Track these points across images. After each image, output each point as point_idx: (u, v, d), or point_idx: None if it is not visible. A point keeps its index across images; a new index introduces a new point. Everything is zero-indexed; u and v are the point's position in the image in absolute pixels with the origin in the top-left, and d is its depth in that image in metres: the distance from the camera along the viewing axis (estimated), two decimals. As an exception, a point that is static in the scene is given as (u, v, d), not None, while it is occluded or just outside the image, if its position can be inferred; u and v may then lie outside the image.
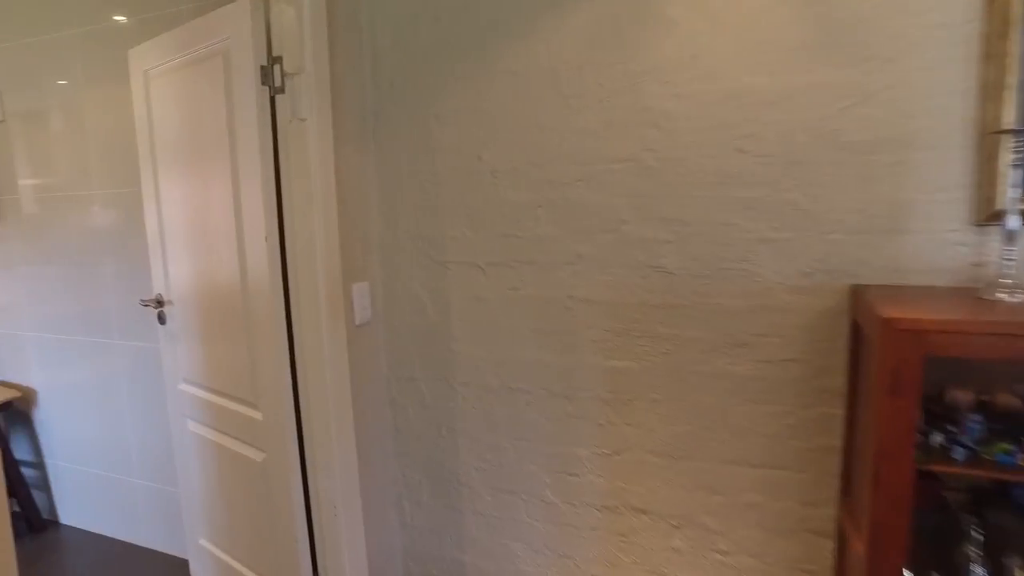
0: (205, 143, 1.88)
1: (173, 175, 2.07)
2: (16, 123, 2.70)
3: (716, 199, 1.53)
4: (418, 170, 1.87)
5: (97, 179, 2.54)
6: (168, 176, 2.09)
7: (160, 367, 2.41)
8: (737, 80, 1.47)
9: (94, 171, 2.52)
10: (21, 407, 3.05)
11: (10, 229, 2.85)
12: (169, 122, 2.04)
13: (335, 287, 1.77)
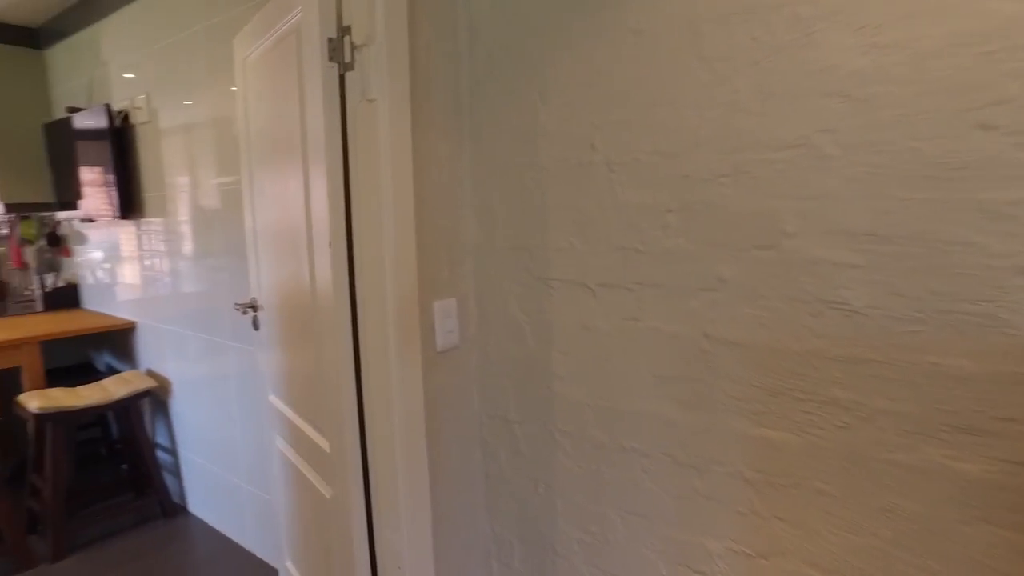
0: (281, 132, 1.66)
1: (261, 170, 1.89)
2: (161, 122, 2.73)
3: (938, 204, 0.99)
4: (518, 161, 1.50)
5: (229, 176, 2.47)
6: (258, 171, 1.92)
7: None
8: (980, 10, 0.93)
9: (227, 167, 2.44)
10: (160, 396, 3.15)
11: (155, 225, 2.92)
12: (257, 112, 1.86)
13: (409, 304, 1.45)
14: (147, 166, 2.89)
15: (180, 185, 2.68)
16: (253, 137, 1.93)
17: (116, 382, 2.99)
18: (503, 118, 1.51)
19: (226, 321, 2.55)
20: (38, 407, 2.67)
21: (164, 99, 2.68)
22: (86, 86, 3.24)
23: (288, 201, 1.69)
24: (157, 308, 3.07)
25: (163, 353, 3.08)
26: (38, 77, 3.57)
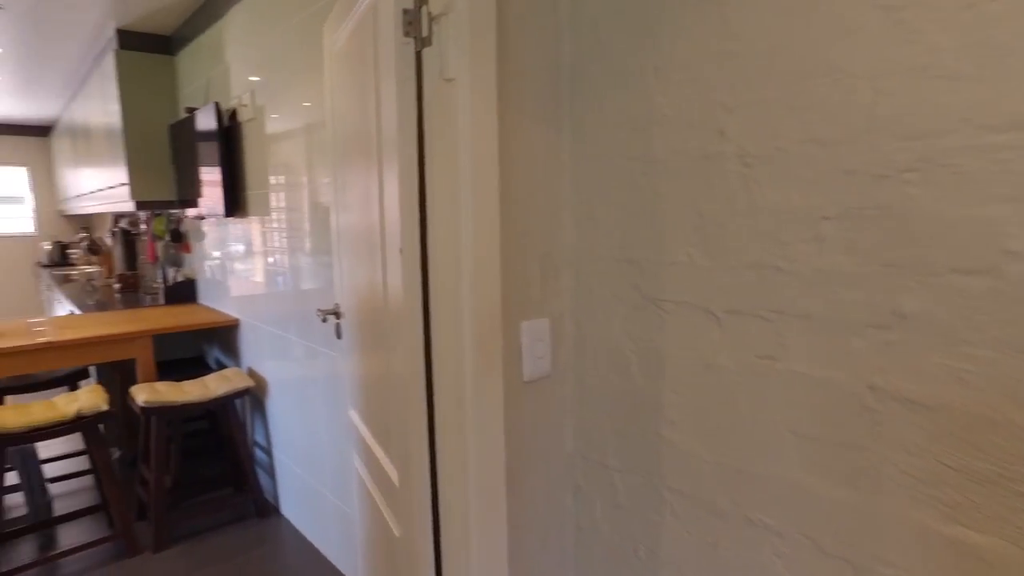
0: (359, 125, 1.49)
1: (343, 167, 1.73)
2: (265, 119, 2.70)
3: None
4: (628, 154, 1.23)
5: (326, 175, 2.37)
6: (340, 169, 1.77)
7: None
8: None
9: (324, 166, 2.34)
10: (259, 395, 3.14)
11: (257, 224, 2.90)
12: (339, 105, 1.71)
13: (490, 324, 1.22)
14: (252, 164, 2.87)
15: (281, 184, 2.62)
16: (336, 132, 1.78)
17: (217, 379, 3.00)
18: (610, 101, 1.24)
19: (316, 325, 2.45)
20: (144, 400, 2.71)
21: (268, 96, 2.64)
22: (204, 87, 3.30)
23: (365, 200, 1.51)
24: (256, 307, 3.06)
25: (262, 352, 3.06)
26: (169, 82, 3.71)
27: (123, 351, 3.00)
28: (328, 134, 1.88)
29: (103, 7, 3.26)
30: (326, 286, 2.34)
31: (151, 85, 3.62)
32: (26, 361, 2.80)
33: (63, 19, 3.47)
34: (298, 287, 2.59)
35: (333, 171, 1.88)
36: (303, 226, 2.48)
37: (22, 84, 5.12)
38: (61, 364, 2.86)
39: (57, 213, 7.45)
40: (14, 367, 2.79)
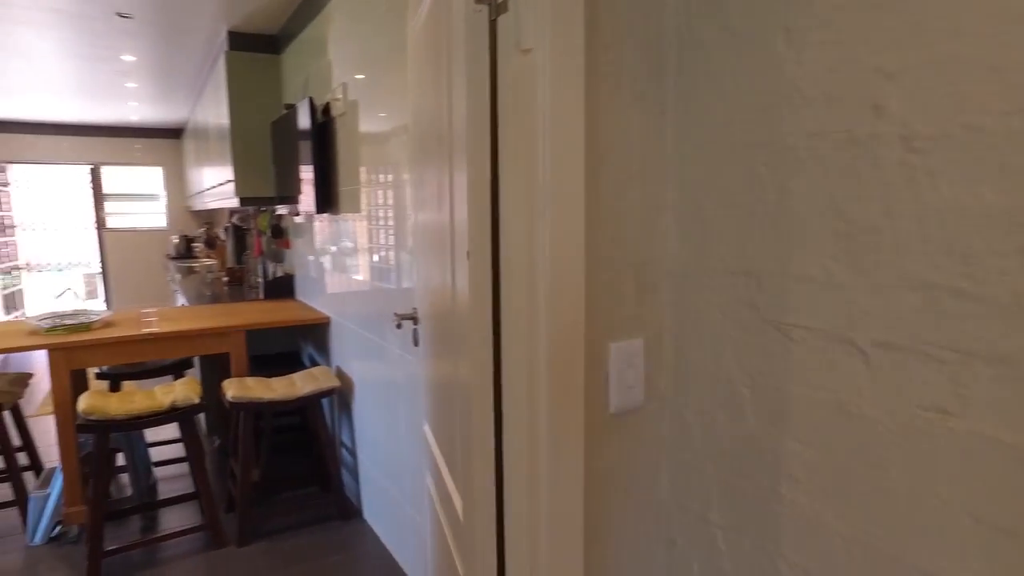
0: (432, 110, 1.33)
1: (420, 161, 1.59)
2: (357, 113, 2.63)
3: None
4: (748, 139, 0.98)
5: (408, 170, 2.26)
6: (418, 163, 1.62)
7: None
8: None
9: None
10: (346, 396, 3.10)
11: (347, 221, 2.85)
12: (417, 88, 1.56)
13: (570, 343, 1.02)
14: (344, 160, 2.82)
15: (372, 180, 2.53)
16: (415, 123, 1.64)
17: (304, 378, 2.98)
18: (727, 73, 1.00)
19: (409, 323, 2.34)
20: (232, 395, 2.72)
21: (361, 90, 2.56)
22: (303, 83, 3.30)
23: (437, 197, 1.35)
24: (344, 305, 3.02)
25: (349, 352, 3.01)
26: (274, 80, 3.77)
27: (218, 345, 3.05)
28: (410, 126, 1.74)
29: (216, 9, 3.34)
30: (410, 288, 2.22)
31: (257, 84, 3.69)
32: (131, 351, 2.89)
33: (184, 25, 3.61)
34: (383, 288, 2.49)
35: (413, 166, 1.74)
36: (391, 225, 2.38)
37: (156, 90, 5.46)
38: (161, 355, 2.94)
39: (185, 209, 7.97)
40: (120, 355, 2.89)
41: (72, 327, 2.88)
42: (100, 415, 2.50)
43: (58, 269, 10.36)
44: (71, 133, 7.36)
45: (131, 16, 3.44)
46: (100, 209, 7.75)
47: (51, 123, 7.17)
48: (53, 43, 4.00)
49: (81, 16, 3.45)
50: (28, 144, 7.25)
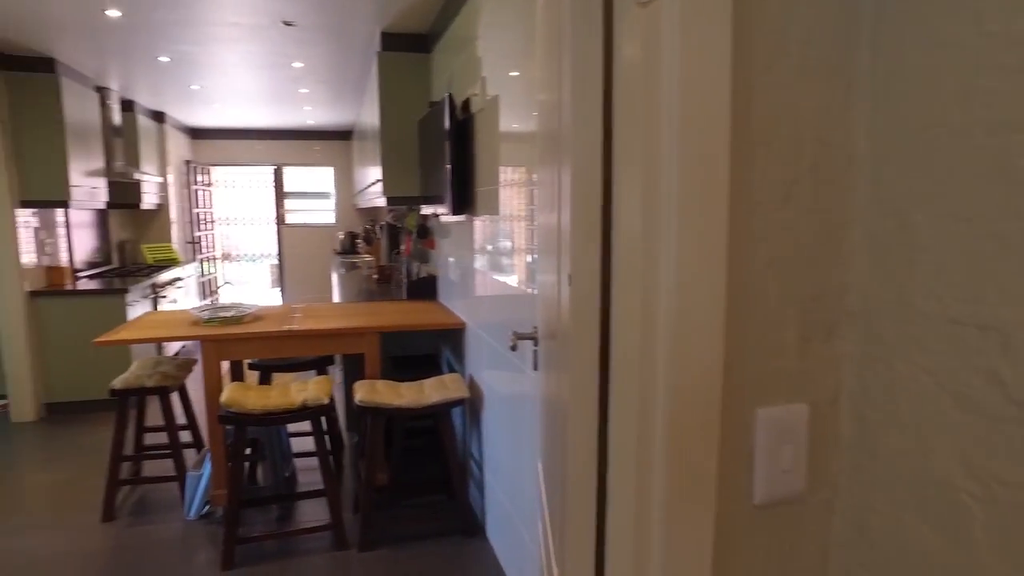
0: (546, 97, 1.09)
1: (541, 157, 1.35)
2: (497, 108, 2.46)
3: None
4: (993, 120, 0.63)
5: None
6: (540, 160, 1.39)
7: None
8: None
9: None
10: (476, 406, 2.96)
11: (484, 223, 2.70)
12: (538, 83, 1.33)
13: (698, 406, 0.73)
14: (482, 158, 2.67)
15: (511, 180, 2.36)
16: (537, 121, 1.41)
17: (435, 385, 2.89)
18: (952, 22, 0.65)
19: (529, 343, 2.13)
20: (359, 399, 2.69)
21: (500, 84, 2.39)
22: (447, 81, 3.22)
23: (550, 200, 1.11)
24: (478, 312, 2.88)
25: (481, 361, 2.87)
26: (424, 79, 3.75)
27: (354, 345, 3.05)
28: (537, 120, 1.52)
29: (369, 11, 3.37)
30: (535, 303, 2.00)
31: (406, 84, 3.69)
32: (273, 346, 2.97)
33: (342, 28, 3.70)
34: (513, 297, 2.30)
35: (537, 167, 1.52)
36: (524, 230, 2.18)
37: (325, 95, 5.77)
38: (300, 352, 2.99)
39: (352, 206, 8.45)
40: (263, 350, 2.98)
41: (227, 319, 3.02)
42: (238, 408, 2.57)
43: (251, 260, 11.54)
44: (259, 137, 8.08)
45: (295, 24, 3.58)
46: (281, 206, 8.45)
47: (244, 128, 7.92)
48: (238, 55, 4.31)
49: (255, 27, 3.65)
50: (226, 148, 8.07)
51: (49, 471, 3.65)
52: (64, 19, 3.52)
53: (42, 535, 2.90)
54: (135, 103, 5.87)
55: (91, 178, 4.86)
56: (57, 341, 4.44)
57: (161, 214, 6.80)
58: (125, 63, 4.54)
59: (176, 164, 7.15)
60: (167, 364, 3.19)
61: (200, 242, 7.79)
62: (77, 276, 5.06)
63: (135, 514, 3.08)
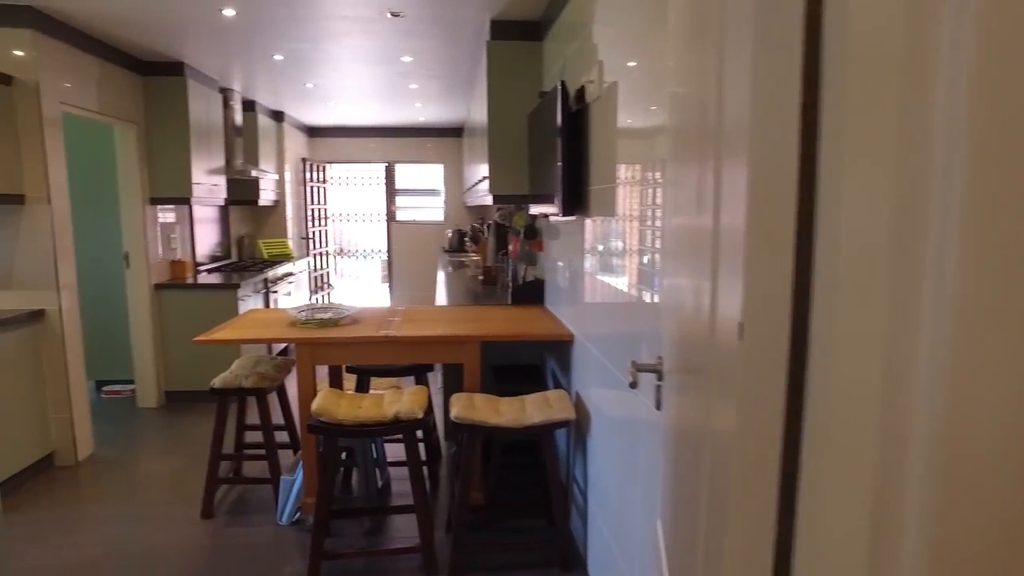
0: (693, 83, 0.78)
1: (677, 154, 1.05)
2: (616, 97, 2.16)
3: None
4: None
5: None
6: (673, 158, 1.09)
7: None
8: None
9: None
10: (583, 427, 2.68)
11: (599, 225, 2.41)
12: (674, 74, 1.02)
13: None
14: (597, 153, 2.38)
15: (630, 178, 2.05)
16: (671, 115, 1.11)
17: (538, 403, 2.63)
18: None
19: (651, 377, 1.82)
20: (455, 415, 2.48)
21: (619, 71, 2.09)
22: (560, 69, 2.95)
23: (695, 206, 0.81)
24: (587, 324, 2.59)
25: (589, 379, 2.58)
26: (535, 70, 3.50)
27: (453, 354, 2.85)
28: (668, 120, 1.22)
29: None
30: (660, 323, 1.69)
31: (516, 75, 3.45)
32: (367, 352, 2.83)
33: (450, 17, 3.52)
34: (631, 314, 2.00)
35: (669, 165, 1.22)
36: (645, 236, 1.88)
37: (435, 90, 5.68)
38: (395, 359, 2.83)
39: (461, 204, 8.39)
40: (357, 356, 2.85)
41: (323, 322, 2.92)
42: (328, 418, 2.43)
43: (363, 256, 11.85)
44: (373, 135, 8.19)
45: (402, 15, 3.44)
46: (391, 203, 8.53)
47: (358, 127, 8.05)
48: (349, 51, 4.27)
49: (363, 19, 3.55)
50: (341, 146, 8.25)
51: (162, 460, 3.75)
52: (186, 21, 3.58)
53: (145, 527, 2.93)
54: (256, 103, 6.06)
55: (212, 176, 5.03)
56: (176, 332, 4.61)
57: (277, 210, 7.02)
58: (244, 63, 4.63)
59: (293, 161, 7.37)
60: (266, 364, 3.14)
61: (314, 238, 8.01)
62: (198, 270, 5.27)
63: (232, 513, 3.05)
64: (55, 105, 3.55)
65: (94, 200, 4.74)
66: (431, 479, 3.44)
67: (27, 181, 3.44)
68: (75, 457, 3.63)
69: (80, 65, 3.80)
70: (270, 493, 3.10)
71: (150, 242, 4.53)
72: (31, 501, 3.19)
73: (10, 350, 3.29)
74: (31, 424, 3.44)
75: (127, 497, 3.26)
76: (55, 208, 3.50)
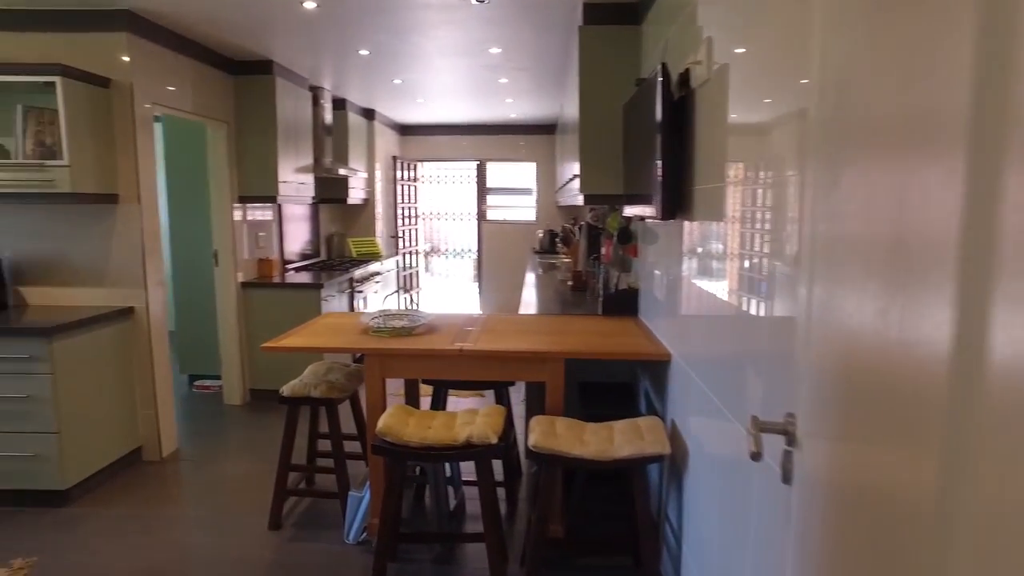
0: (899, 76, 0.46)
1: (842, 154, 0.72)
2: (728, 80, 1.81)
3: None
4: None
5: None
6: (833, 158, 0.75)
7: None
8: None
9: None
10: (679, 462, 2.33)
11: (705, 231, 2.06)
12: (836, 54, 0.69)
13: None
14: (703, 146, 2.03)
15: (744, 177, 1.70)
16: (821, 102, 0.77)
17: (627, 432, 2.30)
18: None
19: (754, 399, 1.47)
20: (534, 443, 2.20)
21: (732, 51, 1.74)
22: (660, 53, 2.60)
23: (891, 221, 0.48)
24: (687, 344, 2.24)
25: (687, 407, 2.23)
26: (632, 57, 3.16)
27: (534, 372, 2.57)
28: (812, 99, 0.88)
29: (570, -25, 2.87)
30: (786, 362, 1.33)
31: (611, 63, 3.12)
32: (439, 367, 2.60)
33: (540, 2, 3.25)
34: (741, 337, 1.64)
35: (819, 162, 0.88)
36: (777, 247, 1.52)
37: (526, 84, 5.42)
38: (470, 375, 2.59)
39: (553, 203, 8.11)
40: (428, 370, 2.63)
41: (396, 330, 2.73)
42: (394, 438, 2.22)
43: (454, 255, 11.83)
44: (464, 132, 8.06)
45: (487, 0, 3.20)
46: (482, 202, 8.38)
47: (449, 124, 7.94)
48: (435, 43, 4.08)
49: (446, 7, 3.34)
50: (432, 144, 8.18)
51: (240, 461, 3.71)
52: (270, 17, 3.51)
53: (213, 534, 2.85)
54: (347, 101, 6.03)
55: (299, 174, 5.01)
56: (261, 331, 4.61)
57: (367, 209, 7.01)
58: (331, 59, 4.55)
59: (384, 160, 7.35)
60: (337, 372, 2.99)
61: (403, 236, 7.98)
62: (286, 268, 5.28)
63: (299, 526, 2.92)
64: (147, 106, 3.57)
65: (193, 199, 4.84)
66: (508, 500, 3.18)
67: (120, 181, 3.48)
68: (160, 453, 3.65)
69: (173, 65, 3.82)
70: (340, 508, 2.95)
71: (238, 240, 4.55)
72: (116, 496, 3.21)
73: (103, 347, 3.33)
74: (122, 419, 3.48)
75: (201, 500, 3.22)
76: (144, 207, 3.52)
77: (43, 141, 3.26)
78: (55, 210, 3.49)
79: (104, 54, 3.39)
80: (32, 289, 3.58)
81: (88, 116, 3.27)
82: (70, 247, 3.53)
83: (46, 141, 3.25)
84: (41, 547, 2.74)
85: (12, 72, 3.13)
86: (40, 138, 3.26)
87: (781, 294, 1.34)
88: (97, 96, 3.33)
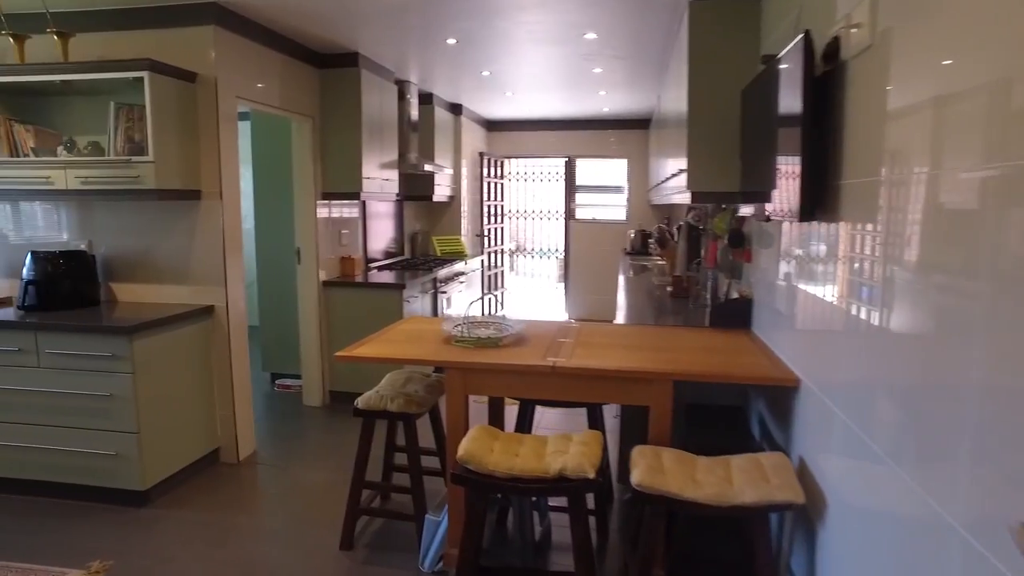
0: None
1: None
2: (894, 48, 1.42)
3: None
4: None
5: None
6: None
7: None
8: None
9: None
10: (810, 511, 1.94)
11: (855, 232, 1.67)
12: None
13: None
14: (856, 131, 1.64)
15: (914, 173, 1.32)
16: None
17: (748, 470, 1.93)
18: None
19: (910, 440, 1.09)
20: (638, 481, 1.87)
21: (897, 11, 1.35)
22: (793, 23, 2.20)
23: None
24: (822, 367, 1.85)
25: (824, 444, 1.85)
26: (751, 35, 2.76)
27: (637, 394, 2.24)
28: None
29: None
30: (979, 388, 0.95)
31: (726, 43, 2.74)
32: (528, 385, 2.32)
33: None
34: (919, 361, 1.26)
35: None
36: (952, 256, 1.14)
37: (622, 75, 5.07)
38: (563, 395, 2.29)
39: (645, 202, 7.69)
40: (515, 388, 2.34)
41: (481, 341, 2.47)
42: (476, 466, 1.96)
43: (540, 254, 11.57)
44: (553, 128, 7.77)
45: (589, -26, 2.88)
46: (571, 200, 8.06)
47: (537, 119, 7.67)
48: (524, 29, 3.81)
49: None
50: (520, 140, 7.93)
51: (316, 468, 3.57)
52: (356, 4, 3.34)
53: (281, 549, 2.69)
54: (433, 95, 5.87)
55: (384, 170, 4.87)
56: (341, 331, 4.49)
57: (453, 206, 6.84)
58: (417, 50, 4.37)
59: (470, 156, 7.16)
60: (416, 383, 2.76)
61: (489, 235, 7.77)
62: (369, 267, 5.16)
63: (372, 547, 2.72)
64: (232, 100, 3.49)
65: (280, 195, 4.79)
66: (599, 530, 2.86)
67: (203, 177, 3.41)
68: (237, 455, 3.57)
69: (258, 59, 3.74)
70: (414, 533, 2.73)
71: (321, 238, 4.45)
72: (193, 499, 3.13)
73: (183, 346, 3.27)
74: (201, 419, 3.42)
75: (274, 509, 3.09)
76: (226, 203, 3.44)
77: (132, 137, 3.22)
78: (142, 207, 3.47)
79: (191, 49, 3.33)
80: (122, 285, 3.58)
81: (174, 111, 3.21)
82: (156, 244, 3.50)
83: (135, 138, 3.22)
84: (118, 548, 2.67)
85: (103, 69, 3.10)
86: (130, 135, 3.23)
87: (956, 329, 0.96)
88: (183, 91, 3.27)
